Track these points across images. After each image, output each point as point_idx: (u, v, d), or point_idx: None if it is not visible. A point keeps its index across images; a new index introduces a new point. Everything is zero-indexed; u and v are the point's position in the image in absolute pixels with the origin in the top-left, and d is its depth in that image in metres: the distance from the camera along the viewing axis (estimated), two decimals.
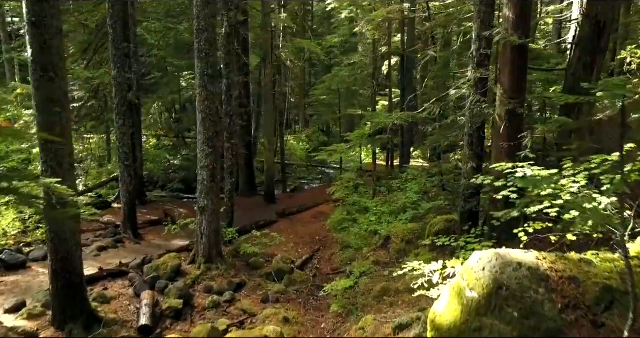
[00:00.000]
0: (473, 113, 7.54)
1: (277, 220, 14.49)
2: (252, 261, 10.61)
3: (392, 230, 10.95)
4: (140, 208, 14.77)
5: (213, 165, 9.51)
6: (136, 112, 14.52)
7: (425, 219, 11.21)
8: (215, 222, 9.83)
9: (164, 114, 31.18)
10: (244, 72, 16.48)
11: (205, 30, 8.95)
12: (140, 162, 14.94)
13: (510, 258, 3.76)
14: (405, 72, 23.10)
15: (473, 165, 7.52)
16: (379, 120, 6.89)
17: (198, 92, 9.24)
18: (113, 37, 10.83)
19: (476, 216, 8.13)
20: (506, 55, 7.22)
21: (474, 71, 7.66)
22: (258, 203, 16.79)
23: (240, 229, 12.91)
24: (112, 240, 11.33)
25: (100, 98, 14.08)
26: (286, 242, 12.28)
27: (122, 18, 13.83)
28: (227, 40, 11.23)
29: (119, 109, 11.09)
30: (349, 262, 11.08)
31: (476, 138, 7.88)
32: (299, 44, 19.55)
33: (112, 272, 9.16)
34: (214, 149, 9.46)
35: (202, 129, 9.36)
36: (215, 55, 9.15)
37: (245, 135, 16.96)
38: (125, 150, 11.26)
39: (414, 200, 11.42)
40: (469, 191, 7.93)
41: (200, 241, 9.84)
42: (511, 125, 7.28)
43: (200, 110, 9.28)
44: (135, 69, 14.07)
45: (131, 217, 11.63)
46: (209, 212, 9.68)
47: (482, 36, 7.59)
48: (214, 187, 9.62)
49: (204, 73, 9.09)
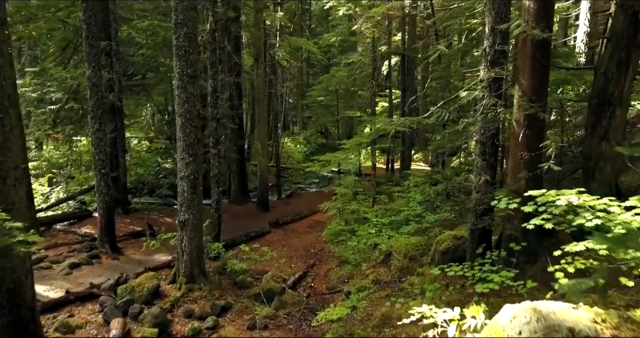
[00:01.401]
0: (487, 118, 6.58)
1: (270, 230, 13.54)
2: (240, 279, 9.66)
3: (394, 244, 10.00)
4: (122, 218, 13.83)
5: (194, 175, 8.56)
6: (118, 115, 13.56)
7: (430, 232, 10.27)
8: (198, 238, 8.87)
9: (156, 115, 30.26)
10: (235, 71, 15.52)
11: (184, 25, 8.00)
12: (123, 168, 13.97)
13: (556, 319, 2.80)
14: (406, 72, 22.16)
15: (487, 178, 6.56)
16: (381, 126, 5.94)
17: (177, 93, 8.28)
18: (87, 34, 9.86)
19: (489, 235, 7.17)
20: (526, 52, 6.27)
21: (488, 70, 6.70)
22: (250, 211, 15.83)
23: (228, 242, 11.96)
24: (87, 255, 10.36)
25: (81, 100, 13.09)
26: (278, 256, 11.32)
27: (102, 14, 12.92)
28: (212, 37, 10.26)
29: (94, 112, 10.12)
30: (346, 280, 10.12)
31: (489, 146, 6.91)
32: (295, 42, 18.58)
33: (81, 295, 8.19)
34: (196, 157, 8.51)
35: (181, 135, 8.40)
36: (195, 52, 8.20)
37: (237, 138, 16.00)
38: (102, 157, 10.29)
39: (417, 212, 10.46)
40: (481, 207, 6.95)
41: (181, 259, 8.88)
42: (531, 132, 6.33)
43: (180, 114, 8.33)
44: (117, 69, 13.11)
45: (109, 230, 10.67)
46: (190, 226, 8.72)
47: (496, 30, 6.62)
48: (196, 199, 8.66)
49: (183, 72, 8.14)
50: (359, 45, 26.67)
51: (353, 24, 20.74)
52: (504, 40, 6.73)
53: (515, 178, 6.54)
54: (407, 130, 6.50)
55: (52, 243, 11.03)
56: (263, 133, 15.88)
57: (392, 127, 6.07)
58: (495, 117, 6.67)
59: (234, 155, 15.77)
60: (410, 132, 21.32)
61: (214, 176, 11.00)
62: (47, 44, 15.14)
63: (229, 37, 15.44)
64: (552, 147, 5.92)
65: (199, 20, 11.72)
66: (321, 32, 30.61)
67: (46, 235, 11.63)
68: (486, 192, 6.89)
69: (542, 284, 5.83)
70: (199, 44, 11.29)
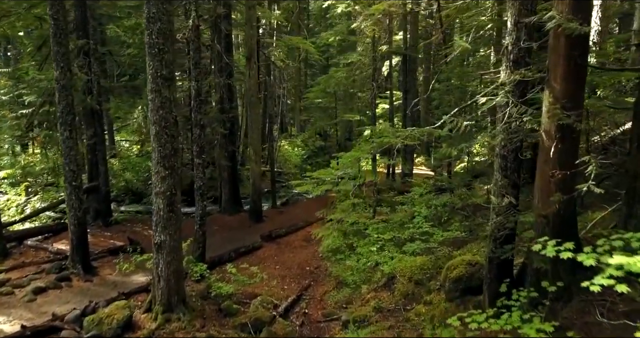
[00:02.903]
0: (510, 128, 5.54)
1: (262, 245, 12.49)
2: (226, 305, 8.62)
3: (397, 265, 8.97)
4: (102, 231, 12.80)
5: (171, 191, 7.51)
6: (98, 119, 12.50)
7: (437, 251, 9.24)
8: (176, 261, 7.82)
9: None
10: (226, 72, 14.48)
11: (157, 20, 6.96)
12: (104, 177, 12.92)
13: None
14: (407, 73, 21.13)
15: (512, 200, 5.51)
16: (384, 140, 4.91)
17: (150, 98, 7.24)
18: (54, 31, 8.81)
19: (510, 265, 6.12)
20: (559, 50, 5.23)
21: (510, 72, 5.67)
22: (242, 221, 14.78)
23: (215, 259, 10.95)
24: (57, 277, 9.32)
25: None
26: (269, 277, 10.27)
27: (80, 10, 11.89)
28: (195, 34, 9.22)
29: (63, 118, 9.07)
30: (344, 305, 9.08)
31: (512, 161, 5.88)
32: (291, 42, 17.54)
33: (39, 330, 7.14)
34: (172, 170, 7.46)
35: (156, 146, 7.36)
36: (171, 51, 7.15)
37: (229, 144, 14.95)
38: (72, 167, 9.24)
39: (423, 229, 9.43)
40: (501, 232, 5.92)
41: (158, 285, 7.83)
42: (564, 146, 5.28)
43: (154, 122, 7.29)
44: (96, 70, 12.05)
45: (81, 248, 9.63)
46: (167, 249, 7.67)
47: (521, 24, 5.59)
48: (173, 218, 7.62)
49: (157, 74, 7.10)
50: (359, 45, 25.64)
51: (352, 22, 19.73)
52: (530, 36, 5.70)
53: (545, 200, 5.50)
54: (415, 142, 5.45)
55: (19, 263, 10.00)
56: (256, 138, 14.83)
57: (399, 140, 5.03)
58: (520, 127, 5.63)
59: (224, 162, 14.73)
60: None
61: (197, 188, 9.96)
62: (23, 43, 14.09)
63: (219, 35, 14.43)
64: (592, 165, 4.88)
65: (181, 16, 10.71)
66: (320, 32, 29.56)
67: (15, 252, 10.59)
68: (508, 215, 5.85)
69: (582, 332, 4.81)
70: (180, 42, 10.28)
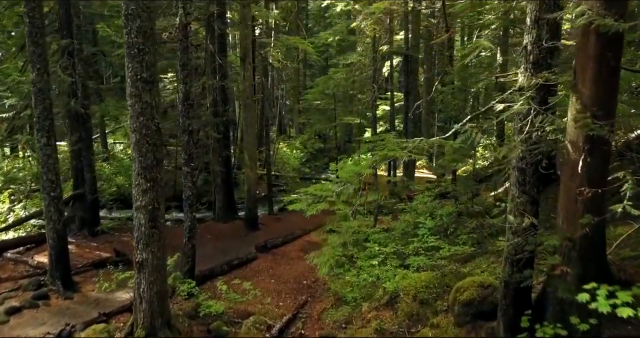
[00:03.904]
0: (531, 139, 4.89)
1: (257, 256, 11.83)
2: (215, 326, 7.98)
3: (400, 282, 8.31)
4: (88, 241, 12.15)
5: (154, 205, 6.85)
6: (83, 124, 11.83)
7: (444, 267, 8.58)
8: (160, 281, 7.17)
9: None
10: (220, 74, 13.83)
11: (136, 17, 6.31)
12: (90, 184, 12.25)
13: None
14: (409, 74, 20.49)
15: (533, 221, 4.86)
16: (390, 153, 4.27)
17: (129, 103, 6.59)
18: (30, 29, 8.15)
19: (528, 292, 5.46)
20: (588, 50, 4.58)
21: (530, 75, 5.02)
22: (237, 230, 14.13)
23: (206, 273, 10.30)
24: (34, 294, 8.66)
25: None
26: (264, 293, 9.61)
27: (63, 8, 11.25)
28: (183, 33, 8.56)
29: (40, 123, 8.41)
30: (343, 325, 8.42)
31: (531, 175, 5.23)
32: (288, 41, 16.89)
33: None
34: (155, 182, 6.81)
35: (136, 155, 6.71)
36: (153, 51, 6.50)
37: (223, 148, 14.30)
38: (51, 177, 8.58)
39: (430, 244, 8.77)
40: (518, 256, 5.26)
41: (140, 307, 7.16)
42: (594, 160, 4.64)
43: (134, 129, 6.64)
44: (80, 71, 11.39)
45: (61, 263, 8.97)
46: (149, 268, 7.01)
47: (542, 21, 4.95)
48: (156, 234, 6.96)
49: (137, 77, 6.45)
50: (359, 45, 25.02)
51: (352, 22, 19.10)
52: (553, 34, 5.05)
53: (570, 220, 4.86)
54: (423, 157, 4.82)
55: None
56: (251, 142, 14.18)
57: (404, 153, 4.38)
58: (541, 137, 4.98)
59: (218, 168, 14.08)
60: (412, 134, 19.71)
61: (186, 199, 9.33)
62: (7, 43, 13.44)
63: (212, 35, 13.78)
64: (628, 182, 4.23)
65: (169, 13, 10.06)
66: (319, 31, 28.95)
67: None
68: (527, 236, 5.20)
69: None
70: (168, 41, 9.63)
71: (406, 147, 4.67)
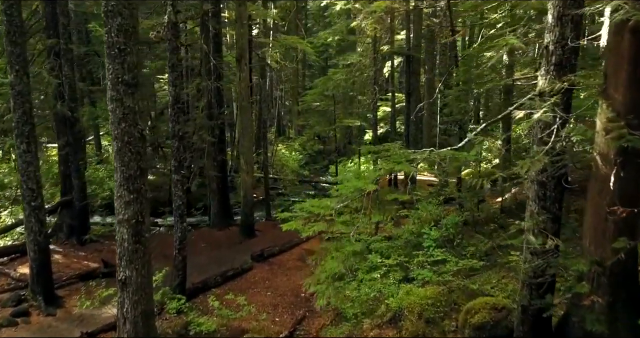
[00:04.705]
0: (554, 150, 4.35)
1: (252, 266, 11.28)
2: None
3: (404, 298, 7.76)
4: (76, 250, 11.61)
5: (137, 218, 6.30)
6: (70, 127, 11.27)
7: (451, 282, 8.03)
8: (145, 301, 6.60)
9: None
10: (215, 75, 13.28)
11: (117, 14, 5.76)
12: (79, 191, 11.69)
13: None
14: (410, 75, 19.94)
15: (557, 242, 4.31)
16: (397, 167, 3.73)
17: (110, 108, 6.04)
18: (7, 28, 7.59)
19: (548, 321, 4.91)
20: (622, 51, 4.06)
21: (552, 77, 4.49)
22: (232, 237, 13.57)
23: (198, 286, 9.78)
24: (13, 311, 8.12)
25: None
26: (259, 306, 9.07)
27: (50, 6, 10.70)
28: (173, 32, 8.01)
29: (19, 129, 7.86)
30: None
31: (553, 189, 4.70)
32: (286, 41, 16.35)
33: None
34: (139, 193, 6.26)
35: (118, 165, 6.15)
36: (135, 52, 5.96)
37: (218, 153, 13.75)
38: (31, 185, 8.03)
39: (436, 258, 8.22)
40: (539, 279, 4.72)
41: (123, 328, 6.60)
42: (628, 175, 4.12)
43: (115, 137, 6.09)
44: (67, 72, 10.83)
45: (43, 277, 8.43)
46: (133, 286, 6.45)
47: (567, 18, 4.42)
48: (140, 250, 6.40)
49: (118, 79, 5.90)
50: (359, 45, 24.46)
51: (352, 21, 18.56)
52: (578, 33, 4.52)
53: (600, 242, 4.33)
54: (440, 177, 4.26)
55: None
56: (247, 146, 13.63)
57: (412, 167, 3.85)
58: (565, 147, 4.44)
59: (213, 173, 13.54)
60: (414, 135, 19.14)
61: (176, 208, 8.78)
62: None
63: (206, 34, 13.23)
64: None
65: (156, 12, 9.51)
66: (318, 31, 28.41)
67: None
68: (548, 257, 4.67)
69: None
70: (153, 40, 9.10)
71: (414, 159, 4.12)
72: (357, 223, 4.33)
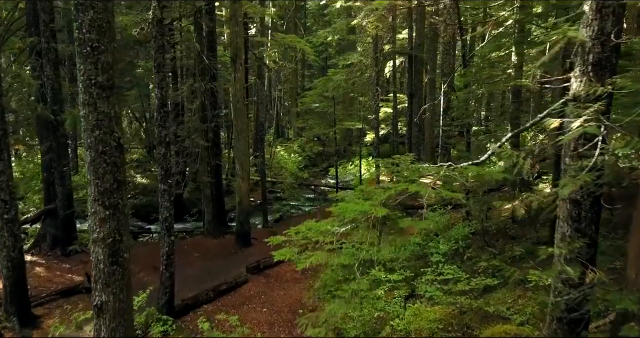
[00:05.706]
0: (590, 164, 3.69)
1: (247, 279, 10.60)
2: None
3: (412, 321, 7.10)
4: (60, 263, 10.94)
5: (114, 237, 5.64)
6: (53, 132, 10.60)
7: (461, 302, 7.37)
8: (123, 328, 5.94)
9: (134, 123, 27.19)
10: (209, 75, 12.61)
11: (88, 7, 5.10)
12: (63, 199, 11.00)
13: None
14: (413, 75, 19.29)
15: (601, 276, 3.65)
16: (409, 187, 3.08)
17: (82, 114, 5.37)
18: None
19: None
20: None
21: (589, 80, 3.83)
22: (227, 246, 12.90)
23: (188, 303, 9.09)
24: None
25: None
26: (254, 326, 8.40)
27: (31, 2, 10.03)
28: (158, 30, 7.35)
29: None
30: None
31: (588, 208, 4.05)
32: (283, 40, 15.68)
33: None
34: (115, 209, 5.60)
35: (92, 178, 5.49)
36: (110, 50, 5.29)
37: (212, 157, 13.08)
38: (4, 197, 7.37)
39: (446, 276, 7.56)
40: (572, 315, 4.06)
41: None
42: None
43: (88, 146, 5.43)
44: (49, 73, 10.16)
45: (18, 296, 7.77)
46: (110, 312, 5.79)
47: (608, 10, 3.76)
48: (117, 271, 5.74)
49: (90, 82, 5.23)
50: (359, 45, 23.81)
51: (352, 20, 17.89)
52: (618, 29, 3.87)
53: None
54: (462, 200, 3.64)
55: None
56: (243, 150, 12.95)
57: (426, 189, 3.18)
58: (605, 161, 3.78)
59: (206, 178, 12.86)
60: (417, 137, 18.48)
61: (163, 220, 8.12)
62: None
63: (199, 33, 12.57)
64: None
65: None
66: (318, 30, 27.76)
67: None
68: (584, 290, 4.00)
69: None
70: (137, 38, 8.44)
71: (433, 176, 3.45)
72: (362, 255, 3.67)
